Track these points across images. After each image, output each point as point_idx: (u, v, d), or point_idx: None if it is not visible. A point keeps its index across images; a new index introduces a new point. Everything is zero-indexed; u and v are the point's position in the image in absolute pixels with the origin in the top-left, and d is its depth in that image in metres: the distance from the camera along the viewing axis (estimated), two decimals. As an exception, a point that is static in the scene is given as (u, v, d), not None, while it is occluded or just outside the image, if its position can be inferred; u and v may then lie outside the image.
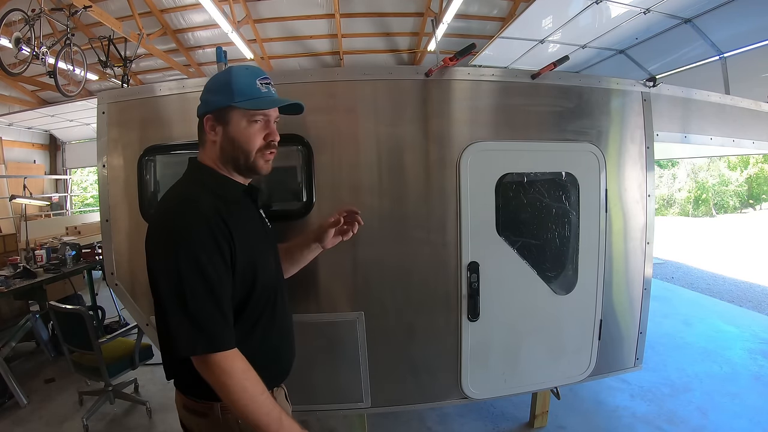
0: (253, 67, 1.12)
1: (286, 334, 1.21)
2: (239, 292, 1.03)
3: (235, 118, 1.06)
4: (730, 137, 2.51)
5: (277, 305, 1.15)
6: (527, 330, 2.09)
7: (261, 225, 1.20)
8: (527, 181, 2.10)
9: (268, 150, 1.10)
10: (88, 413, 2.69)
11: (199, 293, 0.93)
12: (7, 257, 3.98)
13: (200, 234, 0.95)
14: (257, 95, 1.06)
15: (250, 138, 1.07)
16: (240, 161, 1.09)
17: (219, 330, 0.94)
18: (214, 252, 0.96)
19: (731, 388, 3.00)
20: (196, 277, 0.93)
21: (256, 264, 1.06)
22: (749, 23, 4.00)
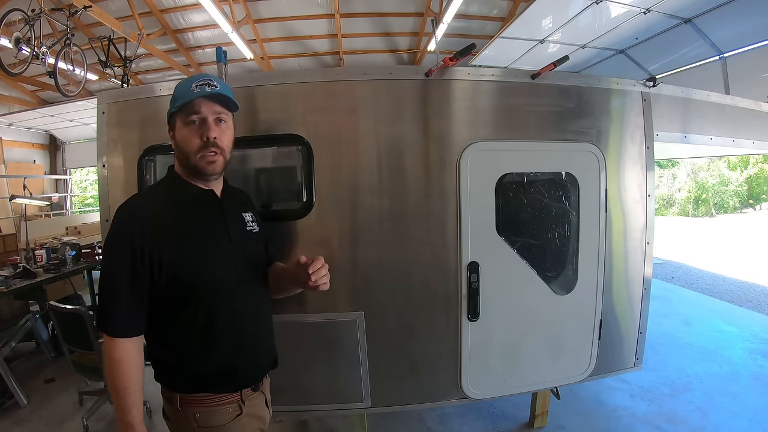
0: (198, 75, 1.19)
1: (240, 337, 1.19)
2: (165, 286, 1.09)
3: (177, 124, 1.15)
4: (730, 137, 2.51)
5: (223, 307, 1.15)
6: (527, 330, 2.09)
7: (221, 226, 1.19)
8: (527, 181, 2.10)
9: (207, 149, 1.12)
10: (88, 413, 2.68)
11: (108, 281, 1.08)
12: (7, 257, 3.98)
13: (119, 233, 1.08)
14: (189, 97, 1.11)
15: (186, 140, 1.13)
16: (185, 164, 1.16)
17: (113, 316, 1.07)
18: (125, 249, 1.05)
19: (731, 388, 3.00)
20: (108, 267, 1.09)
21: (187, 261, 1.10)
22: (749, 23, 4.00)
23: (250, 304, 1.22)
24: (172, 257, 1.08)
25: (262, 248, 1.35)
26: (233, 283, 1.17)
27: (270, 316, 1.35)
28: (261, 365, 1.28)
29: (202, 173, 1.15)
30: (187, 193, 1.17)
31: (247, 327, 1.21)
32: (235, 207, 1.28)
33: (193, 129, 1.13)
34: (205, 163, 1.13)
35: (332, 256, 1.92)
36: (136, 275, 1.06)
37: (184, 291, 1.11)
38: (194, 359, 1.13)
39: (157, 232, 1.07)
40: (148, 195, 1.20)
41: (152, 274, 1.07)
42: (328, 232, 1.92)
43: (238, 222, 1.26)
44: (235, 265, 1.19)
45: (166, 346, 1.14)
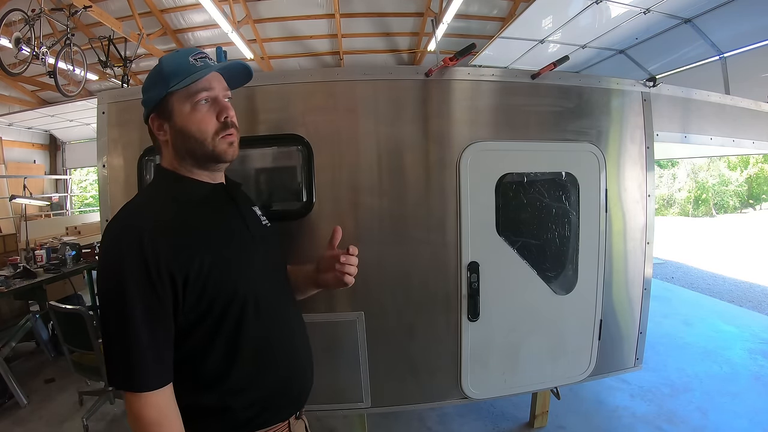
0: (184, 49, 1.04)
1: (277, 350, 0.99)
2: (192, 311, 0.87)
3: (177, 106, 0.92)
4: (730, 137, 2.51)
5: (264, 319, 0.96)
6: (527, 330, 2.09)
7: (240, 225, 1.01)
8: (527, 181, 2.10)
9: (226, 131, 0.94)
10: (88, 413, 2.69)
11: (119, 325, 0.82)
12: (7, 257, 3.98)
13: (123, 258, 0.82)
14: (192, 71, 0.91)
15: (200, 122, 0.92)
16: (197, 152, 0.94)
17: (136, 367, 0.81)
18: (137, 278, 0.81)
19: (731, 388, 3.00)
20: (116, 306, 0.82)
21: (218, 272, 0.89)
22: (749, 23, 4.00)
23: (287, 309, 1.05)
24: (199, 271, 0.86)
25: (279, 244, 1.17)
26: (267, 289, 0.99)
27: (303, 319, 1.14)
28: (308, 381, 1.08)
29: (221, 158, 0.95)
30: (193, 191, 0.97)
31: (285, 338, 1.02)
32: (244, 201, 1.10)
33: (206, 109, 0.93)
34: (225, 145, 0.94)
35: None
36: (159, 307, 0.83)
37: (218, 310, 0.89)
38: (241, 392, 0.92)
39: (174, 244, 0.85)
40: (145, 203, 0.94)
41: (176, 301, 0.85)
42: (328, 232, 1.90)
43: (253, 217, 1.08)
44: (264, 268, 1.01)
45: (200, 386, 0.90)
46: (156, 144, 0.99)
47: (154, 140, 0.99)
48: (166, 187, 0.97)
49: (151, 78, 0.96)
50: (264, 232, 1.08)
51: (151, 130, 0.97)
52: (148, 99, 0.95)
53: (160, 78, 0.93)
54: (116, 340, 0.83)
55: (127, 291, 0.81)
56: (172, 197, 0.94)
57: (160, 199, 0.94)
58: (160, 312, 0.83)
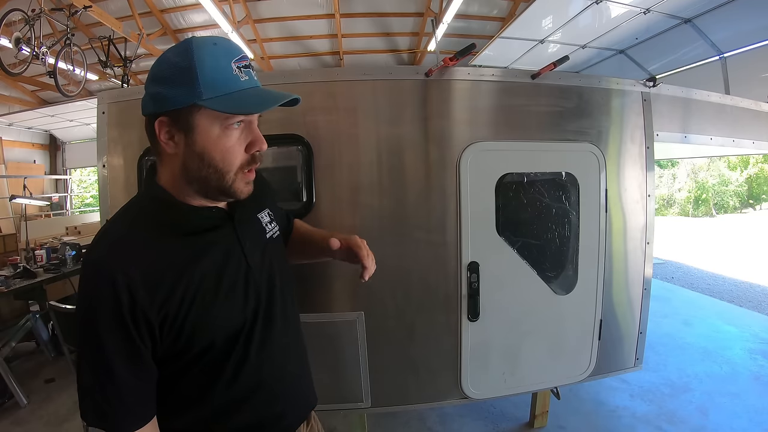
0: (223, 42, 0.78)
1: (267, 384, 0.90)
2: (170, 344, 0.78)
3: (203, 123, 0.74)
4: (730, 137, 2.51)
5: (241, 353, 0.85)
6: (527, 330, 2.09)
7: (234, 255, 0.86)
8: (527, 181, 2.10)
9: (251, 166, 0.80)
10: (88, 413, 2.68)
11: (92, 360, 0.75)
12: (7, 257, 3.98)
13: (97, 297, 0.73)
14: (236, 87, 0.74)
15: (227, 152, 0.76)
16: (211, 183, 0.78)
17: (113, 407, 0.74)
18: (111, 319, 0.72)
19: (731, 388, 3.00)
20: (89, 342, 0.74)
21: (202, 315, 0.79)
22: (749, 23, 4.00)
23: (283, 337, 0.94)
24: (176, 316, 0.77)
25: (285, 254, 1.06)
26: (261, 323, 0.88)
27: (304, 345, 1.05)
28: (304, 408, 1.01)
29: (234, 196, 0.81)
30: (188, 220, 0.82)
31: (283, 364, 0.94)
32: (248, 213, 0.93)
33: (236, 136, 0.77)
34: (243, 184, 0.80)
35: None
36: (135, 350, 0.74)
37: (195, 348, 0.80)
38: (226, 418, 0.85)
39: (155, 289, 0.74)
40: (125, 236, 0.78)
41: (154, 342, 0.76)
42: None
43: (254, 234, 0.93)
44: (259, 297, 0.88)
45: (181, 410, 0.84)
46: (156, 150, 0.81)
47: (155, 146, 0.80)
48: (155, 212, 0.81)
49: (173, 68, 0.75)
50: (266, 249, 0.94)
51: (152, 131, 0.78)
52: (163, 97, 0.75)
53: (190, 78, 0.73)
54: (90, 378, 0.75)
55: (102, 337, 0.73)
56: (159, 226, 0.80)
57: (145, 230, 0.79)
58: (135, 356, 0.75)
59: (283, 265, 1.00)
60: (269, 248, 0.95)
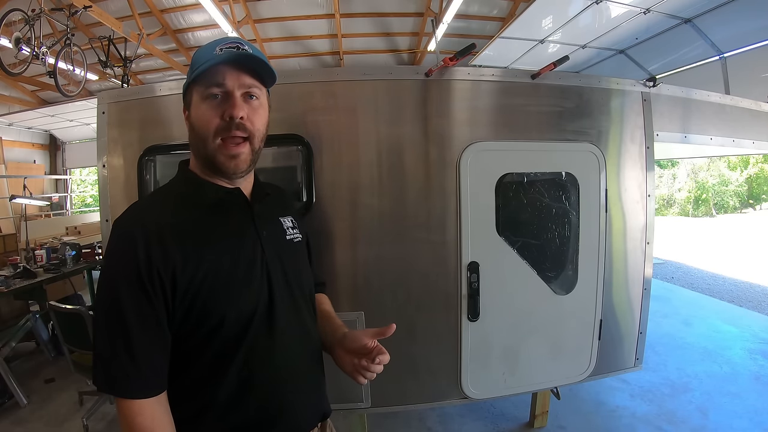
0: (225, 37, 0.90)
1: (266, 382, 0.88)
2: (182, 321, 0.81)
3: (194, 99, 0.85)
4: (730, 137, 2.51)
5: (256, 344, 0.85)
6: (527, 330, 2.09)
7: (249, 237, 0.89)
8: (527, 181, 2.10)
9: (229, 132, 0.82)
10: (88, 413, 2.68)
11: (110, 323, 0.78)
12: (7, 257, 3.98)
13: (118, 257, 0.79)
14: (212, 62, 0.81)
15: (203, 119, 0.83)
16: (201, 152, 0.86)
17: (125, 370, 0.76)
18: (129, 277, 0.77)
19: (731, 388, 3.00)
20: (108, 304, 0.79)
21: (211, 286, 0.82)
22: (749, 23, 4.00)
23: (291, 335, 0.91)
24: (191, 282, 0.79)
25: (307, 262, 1.04)
26: (269, 312, 0.87)
27: (319, 350, 1.02)
28: (309, 413, 0.97)
29: (221, 170, 0.85)
30: (205, 195, 0.88)
31: (290, 364, 0.91)
32: (270, 210, 0.97)
33: (213, 105, 0.83)
34: (224, 155, 0.83)
35: (332, 255, 1.92)
36: (150, 307, 0.77)
37: (206, 326, 0.82)
38: (215, 413, 0.84)
39: (166, 245, 0.79)
40: (152, 202, 0.91)
41: (167, 308, 0.79)
42: (328, 232, 1.92)
43: (274, 230, 0.96)
44: (272, 288, 0.88)
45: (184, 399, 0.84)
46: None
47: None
48: (178, 186, 0.92)
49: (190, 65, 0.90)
50: (287, 248, 0.96)
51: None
52: (183, 87, 0.89)
53: (190, 65, 0.87)
54: (104, 340, 0.78)
55: (119, 293, 0.77)
56: (181, 199, 0.88)
57: (167, 200, 0.89)
58: (150, 318, 0.78)
59: (302, 269, 0.99)
60: (288, 248, 0.97)
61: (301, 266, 1.00)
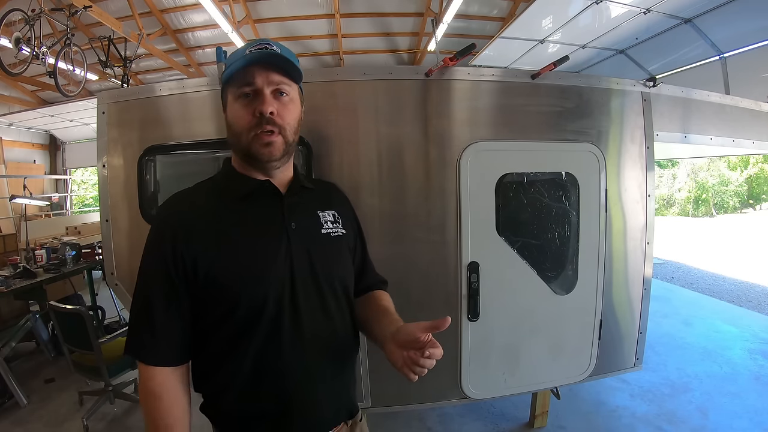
0: (255, 40, 0.96)
1: (292, 372, 0.90)
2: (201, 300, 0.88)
3: (229, 99, 0.91)
4: (730, 137, 2.51)
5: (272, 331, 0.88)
6: (527, 330, 2.09)
7: (276, 225, 0.93)
8: (527, 181, 2.10)
9: (261, 127, 0.88)
10: (88, 413, 2.69)
11: (139, 294, 0.90)
12: (7, 257, 3.98)
13: (152, 234, 0.91)
14: (241, 63, 0.87)
15: (236, 116, 0.89)
16: (237, 147, 0.93)
17: (145, 338, 0.87)
18: (157, 253, 0.88)
19: (731, 388, 3.00)
20: (140, 276, 0.91)
21: (226, 267, 0.87)
22: (749, 23, 4.00)
23: (313, 327, 0.91)
24: (208, 262, 0.86)
25: (346, 258, 1.03)
26: (291, 302, 0.89)
27: (348, 348, 1.01)
28: (325, 412, 0.96)
29: (257, 158, 0.90)
30: (237, 186, 0.94)
31: (309, 357, 0.91)
32: (307, 203, 0.99)
33: (245, 103, 0.89)
34: (259, 145, 0.89)
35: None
36: (171, 286, 0.86)
37: (222, 307, 0.87)
38: (232, 395, 0.90)
39: (192, 229, 0.88)
40: (193, 189, 0.97)
41: (188, 285, 0.87)
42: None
43: (308, 221, 0.97)
44: (294, 278, 0.90)
45: (206, 376, 0.92)
46: None
47: None
48: (216, 178, 1.00)
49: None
50: (321, 240, 0.97)
51: None
52: (221, 88, 0.96)
53: (225, 69, 0.93)
54: (134, 311, 0.90)
55: (149, 269, 0.89)
56: (214, 190, 0.96)
57: (201, 191, 0.97)
58: (173, 295, 0.87)
59: (335, 263, 0.99)
60: (321, 241, 0.97)
61: (335, 260, 0.99)
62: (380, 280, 1.17)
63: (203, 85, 1.92)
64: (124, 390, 2.94)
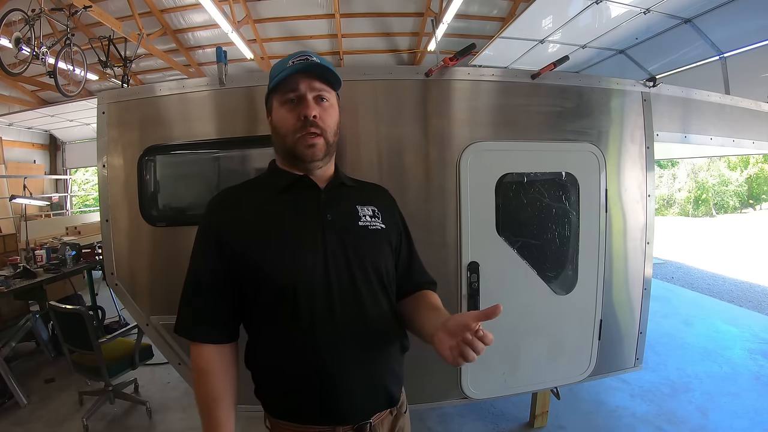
0: (296, 52, 1.04)
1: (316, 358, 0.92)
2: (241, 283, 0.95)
3: (275, 105, 1.01)
4: (730, 137, 2.51)
5: (303, 318, 0.92)
6: (527, 330, 2.09)
7: (311, 216, 0.98)
8: (527, 181, 2.10)
9: (305, 130, 0.96)
10: (88, 413, 2.69)
11: (188, 276, 0.98)
12: (7, 257, 3.98)
13: (202, 220, 1.00)
14: (285, 74, 0.97)
15: (282, 120, 0.98)
16: (282, 148, 1.01)
17: (189, 317, 0.96)
18: (203, 237, 0.98)
19: (731, 388, 3.00)
20: (191, 259, 0.99)
21: (258, 254, 0.94)
22: (749, 23, 4.00)
23: (344, 316, 0.94)
24: (249, 248, 0.94)
25: (384, 251, 1.03)
26: (323, 290, 0.93)
27: (383, 336, 1.02)
28: (364, 401, 0.97)
29: (301, 158, 0.98)
30: (278, 179, 1.02)
31: (339, 345, 0.93)
32: (345, 197, 1.04)
33: (290, 108, 0.97)
34: (303, 145, 0.96)
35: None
36: (216, 269, 0.94)
37: (260, 289, 0.94)
38: (268, 376, 0.97)
39: (235, 218, 0.97)
40: (240, 184, 1.08)
41: (231, 269, 0.94)
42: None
43: (344, 213, 1.01)
44: (327, 266, 0.94)
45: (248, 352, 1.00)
46: None
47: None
48: (261, 175, 1.11)
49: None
50: (352, 231, 0.99)
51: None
52: (265, 96, 1.06)
53: (269, 79, 1.03)
54: (184, 293, 0.98)
55: (198, 254, 0.98)
56: (257, 183, 1.09)
57: (249, 184, 1.09)
58: (219, 278, 0.95)
59: (370, 255, 1.00)
60: (357, 232, 1.01)
61: (370, 250, 1.00)
62: (429, 281, 1.17)
63: (203, 85, 1.91)
64: (124, 390, 2.94)
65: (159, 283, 1.98)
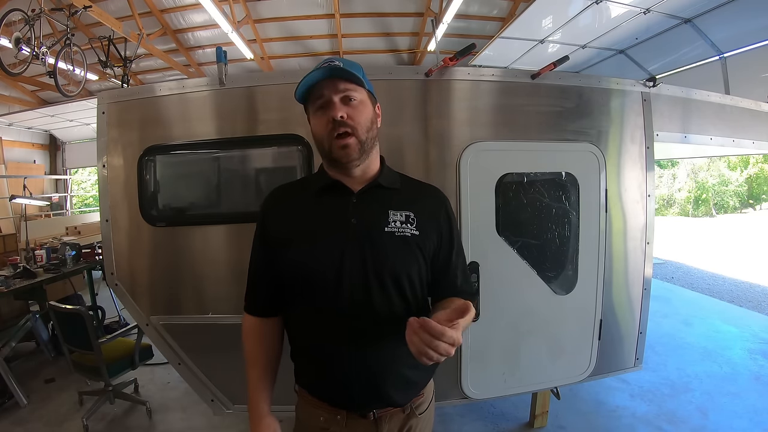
0: (322, 59, 1.08)
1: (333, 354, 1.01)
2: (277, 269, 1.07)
3: (310, 113, 1.06)
4: (730, 137, 2.51)
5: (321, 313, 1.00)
6: (527, 330, 2.09)
7: (339, 219, 1.02)
8: (527, 181, 2.10)
9: (337, 131, 0.99)
10: (88, 413, 2.69)
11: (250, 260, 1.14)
12: (7, 257, 3.98)
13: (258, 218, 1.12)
14: (306, 82, 1.01)
15: (317, 127, 1.03)
16: (323, 154, 1.06)
17: (246, 291, 1.14)
18: (257, 228, 1.12)
19: (731, 388, 3.00)
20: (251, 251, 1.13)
21: (287, 247, 1.03)
22: (749, 23, 4.00)
23: (357, 317, 0.98)
24: (285, 242, 1.04)
25: (410, 257, 1.02)
26: (336, 287, 0.98)
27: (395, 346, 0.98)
28: (363, 396, 1.03)
29: (338, 161, 1.02)
30: (316, 181, 1.11)
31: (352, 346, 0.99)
32: (380, 201, 1.05)
33: (321, 115, 1.01)
34: (337, 149, 1.00)
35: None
36: (265, 256, 1.08)
37: (291, 279, 1.04)
38: (292, 349, 1.11)
39: (280, 214, 1.09)
40: (292, 182, 1.21)
41: (275, 257, 1.06)
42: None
43: (371, 217, 1.02)
44: (342, 268, 0.98)
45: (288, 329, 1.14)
46: None
47: None
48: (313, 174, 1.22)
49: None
50: (376, 236, 1.00)
51: None
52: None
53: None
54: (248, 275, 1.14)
55: (255, 241, 1.12)
56: (301, 184, 1.22)
57: (298, 183, 1.25)
58: (267, 263, 1.08)
59: (391, 261, 1.00)
60: (381, 238, 1.01)
61: (392, 257, 1.00)
62: (465, 291, 1.11)
63: (203, 85, 1.92)
64: (124, 390, 2.94)
65: (159, 283, 1.98)
